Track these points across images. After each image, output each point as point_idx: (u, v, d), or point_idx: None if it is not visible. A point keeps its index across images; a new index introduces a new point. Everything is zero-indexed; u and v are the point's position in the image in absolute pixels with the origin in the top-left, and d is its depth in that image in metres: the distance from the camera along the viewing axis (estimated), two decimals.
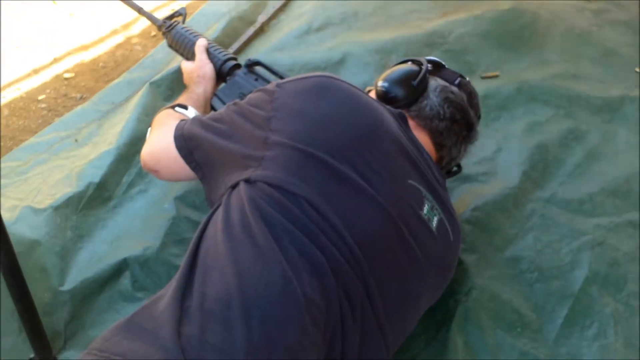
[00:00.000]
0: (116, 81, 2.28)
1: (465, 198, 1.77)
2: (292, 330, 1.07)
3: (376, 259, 1.20)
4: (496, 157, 1.91)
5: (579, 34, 2.38)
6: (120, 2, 2.09)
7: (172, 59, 2.24)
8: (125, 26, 2.71)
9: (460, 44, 2.34)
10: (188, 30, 1.96)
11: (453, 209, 1.41)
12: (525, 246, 1.67)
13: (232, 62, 1.84)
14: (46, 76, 2.46)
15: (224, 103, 1.71)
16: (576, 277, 1.59)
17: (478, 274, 1.59)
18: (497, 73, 2.24)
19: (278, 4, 2.57)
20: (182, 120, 1.46)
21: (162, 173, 1.50)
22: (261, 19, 2.50)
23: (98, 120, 2.10)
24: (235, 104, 1.37)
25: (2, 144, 2.16)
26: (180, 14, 2.05)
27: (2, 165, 1.95)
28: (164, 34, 2.01)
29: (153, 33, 2.71)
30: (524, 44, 2.36)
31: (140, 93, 2.12)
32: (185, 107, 1.60)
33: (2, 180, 1.88)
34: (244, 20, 2.50)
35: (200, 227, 1.23)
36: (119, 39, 2.66)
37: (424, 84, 1.48)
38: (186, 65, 1.85)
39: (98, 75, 2.46)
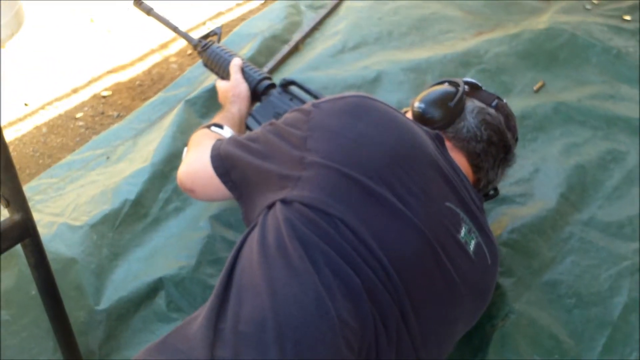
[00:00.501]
0: (151, 100, 2.30)
1: (502, 220, 1.75)
2: (325, 353, 1.06)
3: (412, 281, 1.18)
4: (533, 178, 1.89)
5: (616, 54, 2.35)
6: (157, 21, 2.11)
7: (207, 77, 2.25)
8: (162, 44, 2.73)
9: (495, 63, 2.33)
10: (223, 49, 1.97)
11: (491, 232, 1.39)
12: (563, 270, 1.64)
13: (267, 82, 1.85)
14: (84, 95, 2.48)
15: (259, 122, 1.72)
16: (615, 304, 1.56)
17: (515, 299, 1.57)
18: (542, 83, 2.24)
19: (313, 23, 2.57)
20: (218, 139, 1.47)
21: (198, 193, 1.50)
22: (296, 37, 2.50)
23: (133, 138, 2.11)
24: (271, 124, 1.36)
25: (40, 161, 2.18)
26: (216, 33, 2.06)
27: (40, 182, 1.96)
28: (199, 53, 2.02)
29: (189, 51, 2.73)
30: (561, 64, 2.34)
31: (175, 111, 2.14)
32: (221, 127, 1.60)
33: (39, 197, 1.89)
34: (278, 39, 2.51)
35: (236, 246, 1.22)
36: (156, 57, 2.68)
37: (460, 105, 1.47)
38: (221, 85, 1.86)
39: (135, 93, 2.48)
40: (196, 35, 2.02)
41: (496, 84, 2.24)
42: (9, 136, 2.25)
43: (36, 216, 1.21)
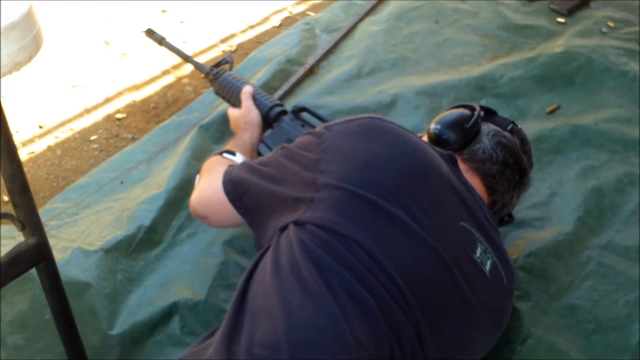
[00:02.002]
0: (165, 123, 2.30)
1: (519, 244, 1.73)
2: None
3: (427, 302, 1.18)
4: (550, 201, 1.88)
5: (633, 77, 2.34)
6: (169, 50, 2.13)
7: (221, 102, 2.25)
8: (176, 67, 2.74)
9: (511, 87, 2.32)
10: (234, 77, 1.98)
11: (506, 252, 1.38)
12: (581, 295, 1.62)
13: (279, 109, 1.86)
14: (98, 117, 2.49)
15: (270, 149, 1.72)
16: (634, 331, 1.54)
17: (533, 323, 1.55)
18: (556, 105, 2.23)
19: (328, 46, 2.58)
20: (230, 165, 1.47)
21: (211, 219, 1.50)
22: (311, 60, 2.51)
23: (147, 162, 2.11)
24: (283, 147, 1.36)
25: (54, 184, 2.19)
26: (227, 61, 2.08)
27: (53, 206, 1.97)
28: (211, 81, 2.04)
29: (203, 74, 2.74)
30: (577, 88, 2.33)
31: (189, 136, 2.14)
32: (233, 153, 1.61)
33: (53, 222, 1.90)
34: (293, 62, 2.51)
35: (248, 269, 1.22)
36: (170, 79, 2.69)
37: (476, 127, 1.47)
38: (233, 112, 1.87)
39: (149, 116, 2.49)
40: (209, 59, 2.03)
41: (512, 108, 2.24)
42: (22, 158, 2.25)
43: (51, 241, 1.21)
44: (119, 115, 2.48)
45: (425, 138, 1.51)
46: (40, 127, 2.43)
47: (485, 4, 2.82)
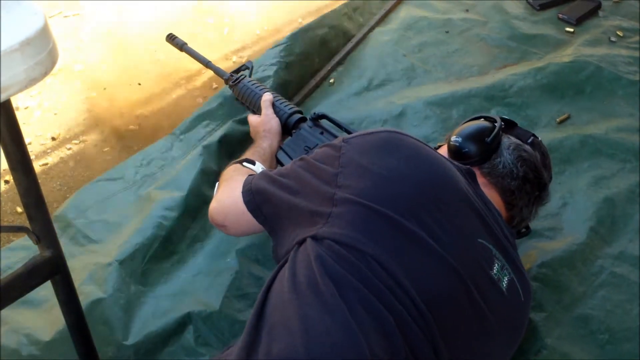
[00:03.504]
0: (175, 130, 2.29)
1: (531, 254, 1.73)
2: None
3: (444, 318, 1.18)
4: (562, 212, 1.87)
5: None
6: (189, 55, 2.13)
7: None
8: (187, 78, 2.75)
9: (520, 97, 2.32)
10: (254, 83, 1.99)
11: (524, 268, 1.38)
12: (594, 305, 1.62)
13: (298, 116, 1.87)
14: (111, 128, 2.51)
15: (289, 156, 1.73)
16: None
17: (547, 334, 1.55)
18: (566, 115, 2.24)
19: (338, 57, 2.58)
20: (249, 175, 1.47)
21: (230, 228, 1.50)
22: (322, 71, 2.51)
23: (161, 170, 2.10)
24: (301, 159, 1.37)
25: (67, 195, 2.20)
26: (247, 67, 2.09)
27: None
28: (230, 87, 2.04)
29: (215, 85, 2.75)
30: (586, 97, 2.32)
31: (205, 143, 2.13)
32: (252, 162, 1.61)
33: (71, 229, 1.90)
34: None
35: (266, 284, 1.22)
36: (182, 91, 2.71)
37: (497, 141, 1.46)
38: (253, 119, 1.88)
39: (161, 127, 2.50)
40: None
41: (521, 118, 2.24)
42: (35, 170, 2.26)
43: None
44: (131, 127, 2.50)
45: (444, 148, 1.51)
46: (54, 138, 2.44)
47: (494, 13, 2.82)
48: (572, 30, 2.69)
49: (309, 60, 2.50)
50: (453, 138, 1.49)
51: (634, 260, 1.73)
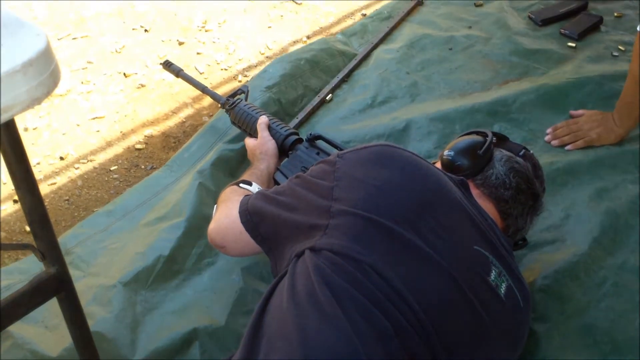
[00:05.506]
0: (179, 152, 2.32)
1: (535, 267, 1.74)
2: None
3: (443, 325, 1.19)
4: (564, 223, 1.88)
5: None
6: (185, 81, 2.17)
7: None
8: (195, 98, 2.78)
9: (523, 112, 2.33)
10: (250, 107, 2.03)
11: (522, 275, 1.39)
12: (598, 315, 1.62)
13: (294, 137, 1.90)
14: (118, 148, 2.53)
15: (286, 177, 1.75)
16: None
17: (550, 345, 1.56)
18: None
19: (342, 74, 2.61)
20: (246, 195, 1.49)
21: (229, 249, 1.52)
22: (326, 89, 2.53)
23: (164, 190, 2.13)
24: (297, 176, 1.40)
25: (75, 214, 2.22)
26: (243, 91, 2.13)
27: (81, 230, 1.99)
28: (227, 111, 2.08)
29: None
30: None
31: (208, 159, 2.16)
32: (249, 183, 1.64)
33: (78, 249, 1.91)
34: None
35: (264, 295, 1.24)
36: (188, 110, 2.74)
37: (489, 153, 1.49)
38: (250, 142, 1.91)
39: (168, 146, 2.53)
40: (227, 90, 2.06)
41: (524, 132, 2.25)
42: (44, 189, 2.30)
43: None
44: (138, 146, 2.52)
45: (438, 165, 1.53)
46: (62, 158, 2.47)
47: (497, 29, 2.84)
48: (574, 45, 2.70)
49: (294, 81, 2.53)
50: (445, 152, 1.52)
51: (637, 270, 1.73)
